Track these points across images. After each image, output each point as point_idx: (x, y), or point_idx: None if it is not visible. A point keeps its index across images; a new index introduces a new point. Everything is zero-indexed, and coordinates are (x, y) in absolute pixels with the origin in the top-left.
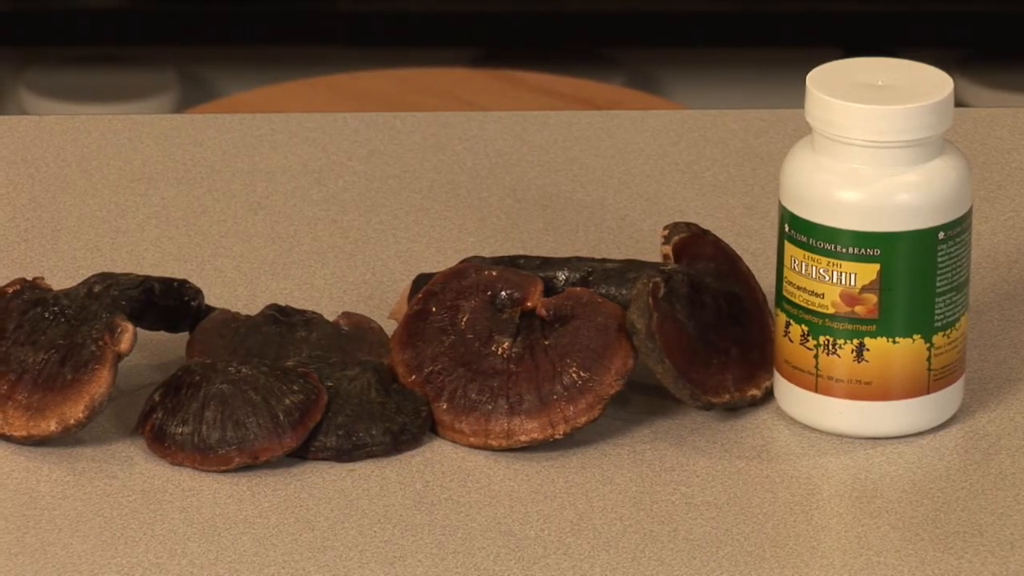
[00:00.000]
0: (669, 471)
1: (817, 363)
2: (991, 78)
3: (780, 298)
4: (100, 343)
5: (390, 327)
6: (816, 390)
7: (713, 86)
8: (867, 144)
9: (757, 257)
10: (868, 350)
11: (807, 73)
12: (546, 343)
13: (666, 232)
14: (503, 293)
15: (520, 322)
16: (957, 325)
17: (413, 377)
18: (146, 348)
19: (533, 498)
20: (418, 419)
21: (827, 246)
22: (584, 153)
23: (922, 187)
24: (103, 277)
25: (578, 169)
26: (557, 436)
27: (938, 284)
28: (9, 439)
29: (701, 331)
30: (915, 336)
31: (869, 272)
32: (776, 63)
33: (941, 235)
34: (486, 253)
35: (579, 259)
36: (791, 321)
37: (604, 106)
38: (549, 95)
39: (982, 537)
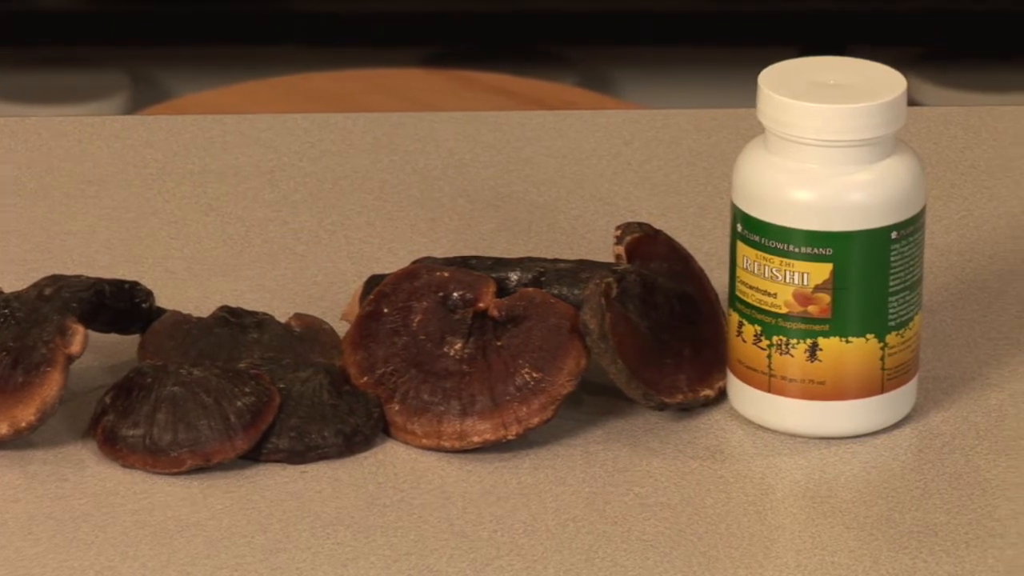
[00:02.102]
0: (622, 472)
1: (770, 363)
2: (944, 77)
3: (733, 298)
4: (51, 345)
5: (342, 328)
6: (769, 390)
7: (666, 85)
8: (819, 143)
9: (710, 257)
10: (821, 350)
11: (760, 72)
12: (499, 344)
13: (619, 232)
14: (455, 294)
15: (472, 323)
16: (911, 324)
17: (365, 378)
18: (97, 350)
19: (486, 499)
20: (370, 421)
21: (780, 246)
22: (537, 153)
23: (875, 186)
24: (54, 279)
25: (531, 169)
26: (510, 437)
27: (891, 283)
28: None
29: (654, 331)
30: (868, 336)
31: (822, 272)
32: (729, 62)
33: (894, 234)
34: (438, 254)
35: (531, 259)
36: (744, 321)
37: (557, 106)
38: (502, 95)
39: (936, 537)
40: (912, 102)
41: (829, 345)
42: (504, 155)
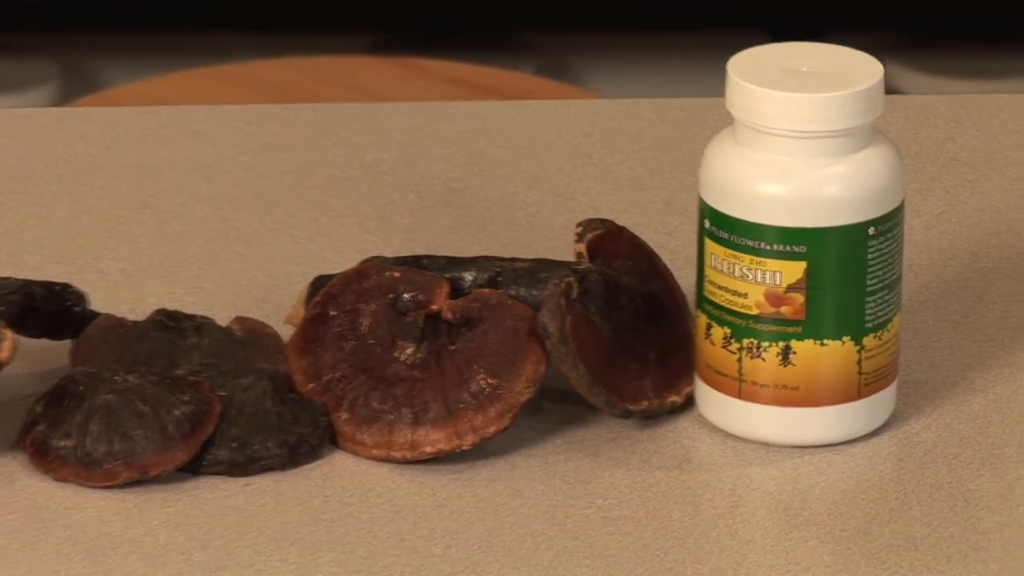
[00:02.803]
0: (584, 483)
1: (741, 367)
2: (925, 63)
3: (701, 299)
4: None
5: (287, 332)
6: (740, 396)
7: (629, 73)
8: (792, 134)
9: (676, 255)
10: (795, 353)
11: (729, 59)
12: (452, 348)
13: (580, 229)
14: (406, 295)
15: (425, 326)
16: (889, 326)
17: (311, 385)
18: (27, 356)
19: (439, 513)
20: (317, 430)
21: (750, 243)
22: (492, 146)
23: (851, 179)
24: None
25: (486, 163)
26: (465, 447)
27: (869, 282)
28: None
29: (617, 334)
30: (844, 338)
31: (795, 270)
32: (696, 48)
33: (872, 230)
34: (388, 253)
35: (487, 258)
36: (713, 323)
37: (513, 95)
38: (454, 84)
39: (916, 551)
40: (890, 90)
41: (803, 348)
42: (458, 148)
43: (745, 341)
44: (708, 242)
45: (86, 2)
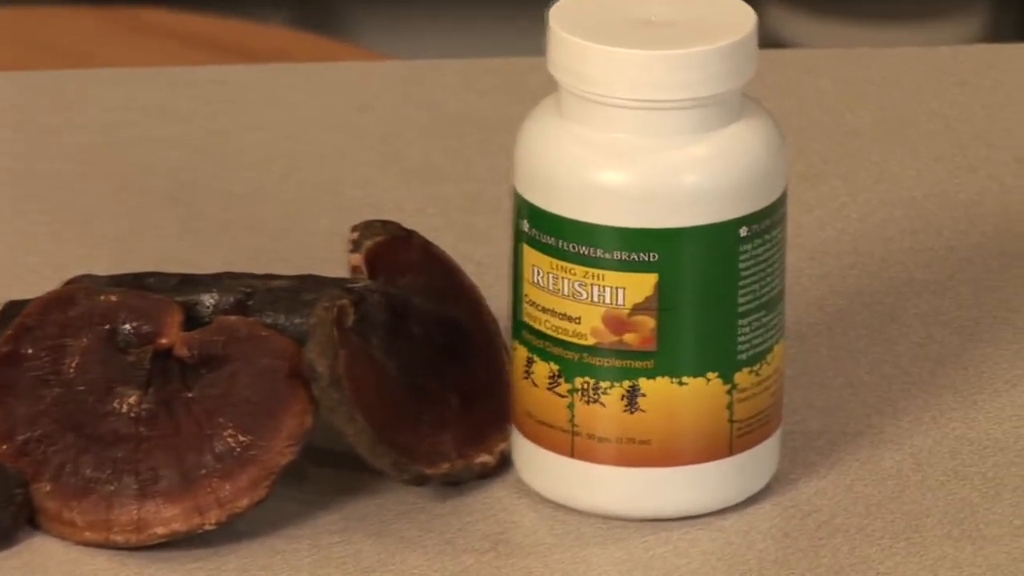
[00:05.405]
0: (367, 572)
1: (573, 416)
2: (815, 5)
3: (518, 325)
4: None
5: None
6: (572, 454)
7: (420, 27)
8: (635, 104)
9: (485, 268)
10: (644, 396)
11: (550, 6)
12: (190, 396)
13: (355, 235)
14: (127, 326)
15: (152, 367)
16: (768, 358)
17: (3, 448)
18: None
19: None
20: (10, 506)
21: (583, 250)
22: (236, 123)
23: (715, 164)
24: None
25: (228, 146)
26: (208, 526)
27: (741, 301)
28: None
29: (408, 374)
30: (710, 374)
31: (643, 286)
32: None
33: (743, 231)
34: (100, 270)
35: (232, 275)
36: (535, 357)
37: (263, 57)
38: (185, 43)
39: None
40: (767, 42)
41: (655, 389)
42: (190, 127)
43: (578, 381)
44: (527, 250)
45: None
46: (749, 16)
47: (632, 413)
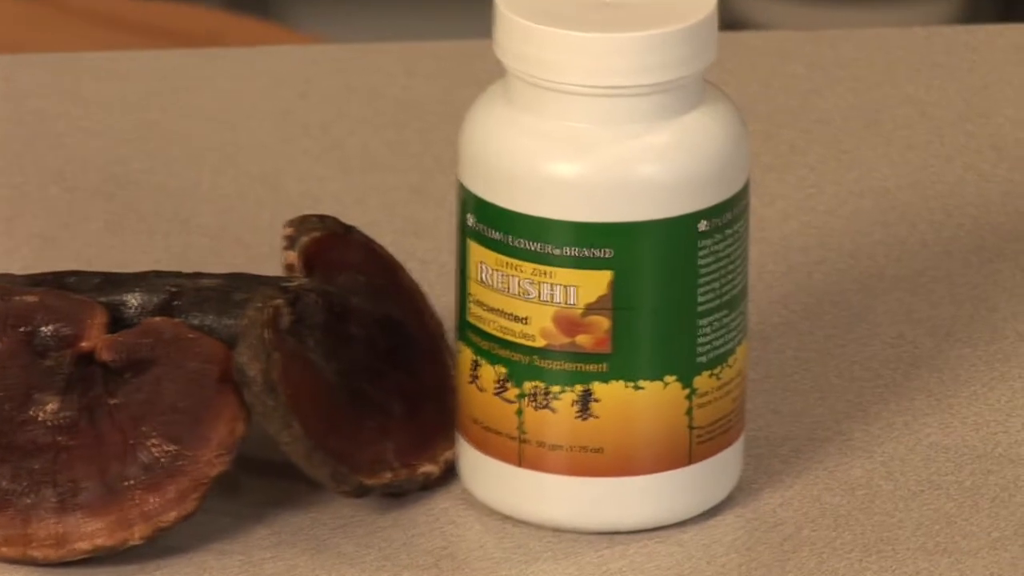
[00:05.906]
0: None
1: (522, 423)
2: None
3: (464, 326)
4: None
5: None
6: (521, 463)
7: (358, 8)
8: (588, 91)
9: (428, 265)
10: (597, 401)
11: None
12: (113, 402)
13: (290, 230)
14: (45, 329)
15: (73, 372)
16: (730, 360)
17: None
18: None
19: None
20: None
21: (533, 246)
22: (166, 113)
23: (673, 154)
24: None
25: (157, 136)
26: (134, 542)
27: (701, 299)
28: None
29: (346, 378)
30: (668, 378)
31: (597, 284)
32: None
33: (703, 225)
34: (16, 268)
35: (159, 274)
36: (481, 360)
37: (195, 41)
38: (113, 26)
39: None
40: (733, 23)
41: (609, 394)
42: (117, 117)
43: (527, 385)
44: (473, 246)
45: None
46: None
47: (585, 419)
